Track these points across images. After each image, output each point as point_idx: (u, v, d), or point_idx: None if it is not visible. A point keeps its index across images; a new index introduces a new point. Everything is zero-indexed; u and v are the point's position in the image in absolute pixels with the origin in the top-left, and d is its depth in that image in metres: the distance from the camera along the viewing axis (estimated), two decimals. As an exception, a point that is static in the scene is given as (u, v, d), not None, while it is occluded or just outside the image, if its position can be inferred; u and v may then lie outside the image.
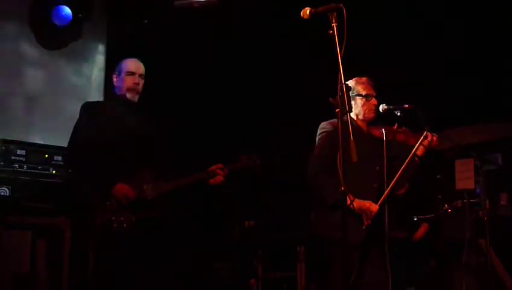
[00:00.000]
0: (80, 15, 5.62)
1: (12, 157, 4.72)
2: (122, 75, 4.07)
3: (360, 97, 4.09)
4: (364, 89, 4.11)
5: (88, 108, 4.04)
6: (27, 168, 4.76)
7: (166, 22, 6.00)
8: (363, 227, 3.83)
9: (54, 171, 4.86)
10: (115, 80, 4.12)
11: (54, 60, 5.77)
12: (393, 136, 4.06)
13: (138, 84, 4.06)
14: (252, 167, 4.26)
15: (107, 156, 3.80)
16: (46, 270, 4.63)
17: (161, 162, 4.04)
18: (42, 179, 4.79)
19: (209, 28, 6.02)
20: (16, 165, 4.71)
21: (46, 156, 4.81)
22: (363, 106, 4.09)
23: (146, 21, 6.05)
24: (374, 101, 4.10)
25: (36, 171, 4.79)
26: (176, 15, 5.85)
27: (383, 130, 4.03)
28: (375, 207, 3.85)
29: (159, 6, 5.86)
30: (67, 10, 5.49)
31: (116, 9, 6.03)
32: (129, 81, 4.04)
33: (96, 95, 6.01)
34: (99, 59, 6.08)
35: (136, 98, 4.08)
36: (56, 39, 5.74)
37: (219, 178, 4.08)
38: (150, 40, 5.99)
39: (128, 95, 4.04)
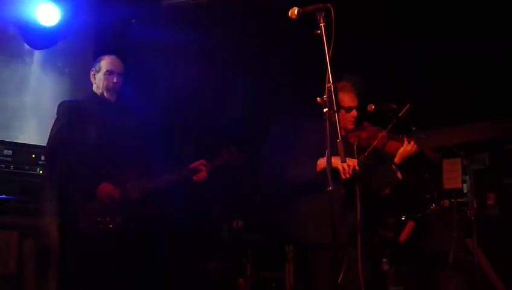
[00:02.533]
0: (67, 14, 5.58)
1: (-1, 157, 4.68)
2: (101, 74, 4.02)
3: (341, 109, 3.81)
4: (347, 100, 3.98)
5: (66, 107, 3.97)
6: (14, 168, 4.71)
7: (155, 20, 5.97)
8: (341, 180, 3.71)
9: (40, 171, 4.81)
10: (92, 77, 4.07)
11: (40, 59, 5.72)
12: (368, 143, 4.02)
13: (117, 83, 4.02)
14: (234, 160, 4.26)
15: (88, 157, 3.74)
16: (33, 270, 4.60)
17: (144, 160, 4.00)
18: (29, 179, 4.74)
19: (196, 25, 5.99)
20: (3, 166, 4.66)
21: (33, 156, 4.76)
22: (343, 118, 3.82)
23: (134, 20, 6.03)
24: (354, 113, 4.01)
25: (23, 171, 4.75)
26: (164, 14, 5.82)
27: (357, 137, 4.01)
28: (353, 161, 3.71)
29: (147, 5, 5.83)
30: (55, 9, 5.45)
31: (104, 8, 5.99)
32: (108, 81, 4.00)
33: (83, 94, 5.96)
34: (87, 58, 6.03)
35: (115, 97, 4.04)
36: (43, 38, 5.70)
37: (202, 174, 4.06)
38: (136, 39, 5.97)
39: (106, 94, 4.01)
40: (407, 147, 3.95)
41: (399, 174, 4.02)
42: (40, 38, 5.67)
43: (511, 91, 6.06)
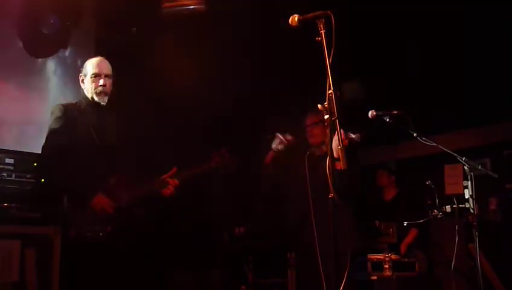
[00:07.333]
0: (68, 23, 5.59)
1: (1, 166, 4.68)
2: (88, 77, 3.93)
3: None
4: (306, 120, 4.58)
5: (59, 110, 3.92)
6: (15, 176, 4.71)
7: (155, 29, 5.99)
8: None
9: (42, 180, 4.82)
10: (82, 82, 3.99)
11: (42, 68, 5.74)
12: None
13: (105, 85, 3.92)
14: (226, 163, 4.20)
15: (81, 163, 3.71)
16: (36, 279, 4.59)
17: (133, 166, 3.94)
18: (31, 188, 4.74)
19: (195, 30, 6.01)
20: (4, 174, 4.66)
21: (35, 164, 4.77)
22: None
23: (134, 29, 6.04)
24: (310, 128, 4.54)
25: (25, 179, 4.74)
26: (164, 22, 5.84)
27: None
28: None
29: (147, 13, 5.85)
30: (55, 18, 5.46)
31: (105, 17, 6.01)
32: (95, 84, 3.90)
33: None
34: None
35: (106, 100, 3.95)
36: (44, 47, 5.71)
37: (169, 189, 3.92)
38: (137, 47, 5.98)
39: (96, 98, 3.91)
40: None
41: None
42: (40, 47, 5.69)
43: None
